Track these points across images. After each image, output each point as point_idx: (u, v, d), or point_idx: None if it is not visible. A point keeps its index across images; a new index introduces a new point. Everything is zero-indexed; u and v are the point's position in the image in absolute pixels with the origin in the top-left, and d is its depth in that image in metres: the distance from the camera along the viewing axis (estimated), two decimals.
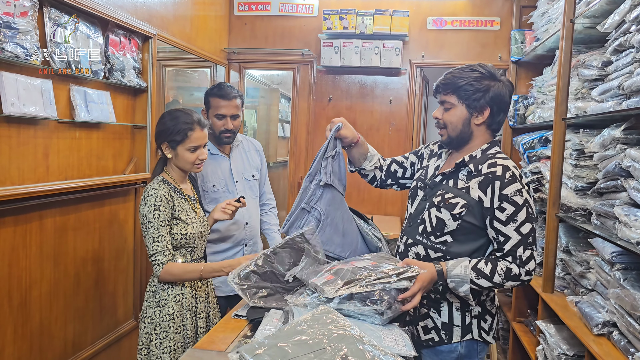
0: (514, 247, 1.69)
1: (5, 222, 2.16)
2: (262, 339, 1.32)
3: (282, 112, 6.22)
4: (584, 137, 2.53)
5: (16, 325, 2.25)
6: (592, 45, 2.75)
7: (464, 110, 1.79)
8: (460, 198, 1.75)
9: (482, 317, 1.83)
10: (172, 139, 2.04)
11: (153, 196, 1.98)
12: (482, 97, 1.75)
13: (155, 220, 1.96)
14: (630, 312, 1.87)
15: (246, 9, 4.47)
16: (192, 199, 2.16)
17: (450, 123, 1.82)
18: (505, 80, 1.79)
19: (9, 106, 2.06)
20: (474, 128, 1.81)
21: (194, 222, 2.09)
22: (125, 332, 3.09)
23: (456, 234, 1.76)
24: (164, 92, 4.37)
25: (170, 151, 2.07)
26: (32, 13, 2.13)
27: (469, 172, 1.77)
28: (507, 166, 1.72)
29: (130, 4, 2.88)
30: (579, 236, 2.65)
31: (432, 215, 1.80)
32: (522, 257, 1.68)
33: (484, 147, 1.81)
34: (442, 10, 4.24)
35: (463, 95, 1.77)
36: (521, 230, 1.68)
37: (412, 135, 4.33)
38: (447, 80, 1.81)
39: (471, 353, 1.82)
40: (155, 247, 1.96)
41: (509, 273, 1.68)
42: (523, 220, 1.68)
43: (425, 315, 1.85)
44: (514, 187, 1.69)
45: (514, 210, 1.68)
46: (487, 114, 1.78)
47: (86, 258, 2.70)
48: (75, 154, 2.57)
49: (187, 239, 2.06)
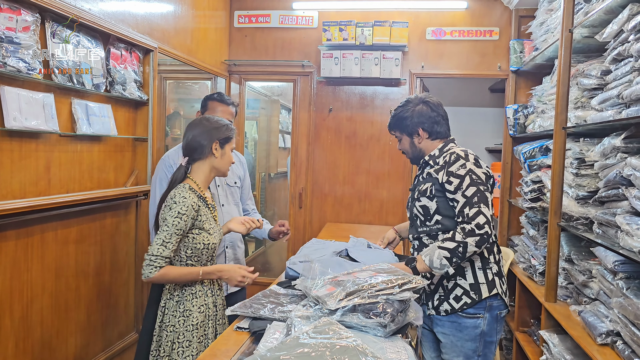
0: (462, 208, 2.01)
1: (7, 235, 2.16)
2: (264, 352, 1.32)
3: (282, 123, 6.24)
4: (584, 145, 2.53)
5: (17, 339, 2.25)
6: (590, 54, 2.76)
7: (407, 138, 2.26)
8: (427, 183, 2.15)
9: (500, 277, 2.15)
10: (225, 135, 2.14)
11: (180, 204, 2.00)
12: (409, 122, 2.21)
13: (172, 226, 1.98)
14: (634, 321, 1.86)
15: (246, 21, 4.50)
16: (212, 208, 2.20)
17: (404, 149, 2.30)
18: (426, 98, 2.23)
19: (11, 120, 2.07)
20: (420, 146, 2.24)
21: (214, 231, 2.15)
22: (127, 345, 3.07)
23: (440, 211, 2.11)
24: (165, 104, 4.39)
25: (219, 150, 2.13)
26: (34, 28, 2.15)
27: (430, 165, 2.19)
28: (453, 152, 2.12)
29: (131, 17, 2.91)
30: (581, 245, 2.64)
31: (417, 207, 2.18)
32: (469, 214, 1.97)
33: (440, 146, 2.22)
34: (441, 20, 4.26)
35: (400, 127, 2.26)
36: (465, 193, 2.01)
37: None
38: (391, 121, 2.30)
39: (491, 332, 2.11)
40: (160, 250, 1.96)
41: (463, 230, 1.96)
42: (467, 186, 2.01)
43: (454, 286, 2.12)
44: (457, 164, 2.06)
45: (459, 181, 2.03)
46: (422, 132, 2.21)
47: (87, 271, 2.69)
48: (77, 167, 2.58)
49: (208, 248, 2.10)
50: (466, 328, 2.10)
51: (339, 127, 4.45)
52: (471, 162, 2.06)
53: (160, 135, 3.86)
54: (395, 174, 4.38)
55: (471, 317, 2.09)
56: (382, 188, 4.40)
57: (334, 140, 4.46)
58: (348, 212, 4.47)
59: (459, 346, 2.12)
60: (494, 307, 2.11)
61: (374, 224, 4.39)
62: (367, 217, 4.43)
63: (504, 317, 2.16)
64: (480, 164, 2.09)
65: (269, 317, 1.80)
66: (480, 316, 2.10)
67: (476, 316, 2.09)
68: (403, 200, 4.35)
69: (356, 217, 4.45)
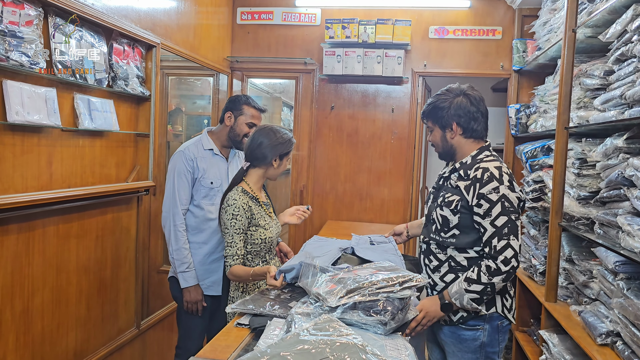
0: (489, 238, 1.92)
1: (9, 229, 2.16)
2: (264, 348, 1.32)
3: (284, 120, 6.24)
4: (586, 146, 2.53)
5: (18, 333, 2.25)
6: (594, 54, 2.76)
7: (439, 130, 2.12)
8: (455, 195, 2.01)
9: (503, 294, 2.06)
10: (287, 150, 2.32)
11: (232, 206, 2.19)
12: (445, 113, 2.06)
13: (231, 227, 2.18)
14: (634, 322, 1.86)
15: (249, 18, 4.50)
16: (266, 205, 2.37)
17: (434, 142, 2.16)
18: (467, 90, 2.07)
19: (13, 114, 2.07)
20: (452, 142, 2.10)
21: (270, 226, 2.32)
22: (127, 340, 3.08)
23: (460, 227, 2.00)
24: (167, 100, 4.39)
25: (277, 162, 2.31)
26: (37, 22, 2.15)
27: (459, 176, 2.04)
28: (487, 168, 1.96)
29: (134, 13, 2.90)
30: (581, 245, 2.64)
31: (438, 214, 2.06)
32: (497, 247, 1.89)
33: (474, 154, 2.07)
34: (444, 19, 4.25)
35: (434, 117, 2.11)
36: (495, 223, 1.91)
37: (414, 144, 4.34)
38: (425, 108, 2.14)
39: (493, 342, 2.04)
40: (227, 250, 2.19)
41: (489, 270, 1.90)
42: (497, 214, 1.90)
43: None
44: (490, 186, 1.92)
45: (489, 206, 1.91)
46: (455, 127, 2.06)
47: (88, 266, 2.70)
48: (79, 162, 2.58)
49: (266, 242, 2.29)
50: (465, 340, 2.05)
51: (341, 125, 4.45)
52: (505, 186, 1.93)
53: (162, 131, 3.86)
54: (396, 173, 4.37)
55: (470, 329, 2.04)
56: (383, 186, 4.40)
57: (335, 138, 4.45)
58: (349, 210, 4.47)
59: (459, 356, 2.08)
60: (494, 318, 2.03)
61: (375, 222, 4.39)
62: (368, 215, 4.43)
63: (506, 326, 2.08)
64: (514, 187, 1.96)
65: (270, 314, 1.80)
66: (480, 328, 2.03)
67: (475, 328, 2.03)
68: (404, 198, 4.35)
69: (357, 215, 4.45)
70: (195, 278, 2.66)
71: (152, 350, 3.42)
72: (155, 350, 3.46)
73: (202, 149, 2.72)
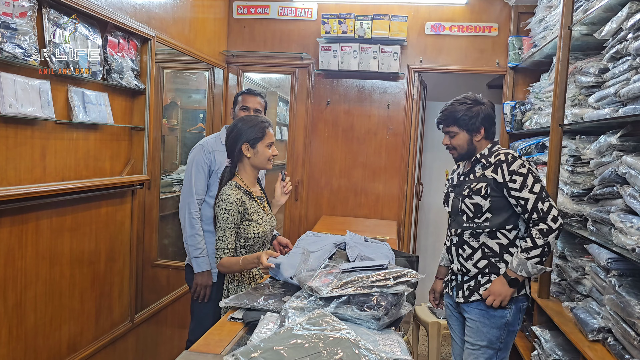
0: (534, 204, 2.14)
1: (2, 222, 2.15)
2: (257, 342, 1.32)
3: (280, 115, 6.22)
4: (580, 143, 2.54)
5: (11, 325, 2.25)
6: (589, 52, 2.76)
7: (465, 134, 2.31)
8: (481, 182, 2.24)
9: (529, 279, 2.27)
10: (253, 137, 2.24)
11: (225, 201, 2.18)
12: (476, 120, 2.29)
13: (223, 222, 2.18)
14: (626, 318, 1.88)
15: (245, 12, 4.48)
16: (261, 199, 2.37)
17: (458, 146, 2.34)
18: (486, 101, 2.35)
19: (6, 106, 2.06)
20: (476, 144, 2.33)
21: (264, 221, 2.31)
22: (121, 333, 3.08)
23: (492, 209, 2.22)
24: (162, 94, 4.36)
25: (250, 150, 2.25)
26: (31, 14, 2.13)
27: (482, 165, 2.28)
28: (507, 152, 2.25)
29: (129, 5, 2.89)
30: (574, 242, 2.65)
31: (468, 204, 2.27)
32: (544, 209, 2.13)
33: (489, 147, 2.33)
34: (441, 15, 4.25)
35: (462, 123, 2.30)
36: (534, 190, 2.15)
37: (409, 140, 4.34)
38: (446, 115, 2.34)
39: (515, 321, 2.25)
40: (218, 244, 2.19)
41: (541, 232, 2.12)
42: (532, 183, 2.15)
43: (487, 282, 2.26)
44: (517, 163, 2.19)
45: (523, 178, 2.16)
46: (482, 131, 2.31)
47: (82, 259, 2.69)
48: (73, 155, 2.56)
49: (259, 237, 2.28)
50: (494, 317, 2.24)
51: (336, 121, 4.44)
52: (527, 162, 2.21)
53: (157, 124, 3.85)
54: (391, 169, 4.38)
55: (499, 307, 2.22)
56: (378, 182, 4.40)
57: (331, 134, 4.45)
58: (344, 206, 4.47)
59: (484, 332, 2.25)
60: (519, 300, 2.25)
61: (370, 218, 4.40)
62: (362, 210, 4.44)
63: (525, 308, 2.29)
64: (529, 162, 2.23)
65: (263, 308, 1.81)
66: (508, 308, 2.23)
67: (505, 307, 2.23)
68: (399, 194, 4.36)
69: (352, 211, 4.46)
70: (208, 264, 2.69)
71: (146, 344, 3.42)
72: (148, 343, 3.46)
73: (220, 143, 2.75)
